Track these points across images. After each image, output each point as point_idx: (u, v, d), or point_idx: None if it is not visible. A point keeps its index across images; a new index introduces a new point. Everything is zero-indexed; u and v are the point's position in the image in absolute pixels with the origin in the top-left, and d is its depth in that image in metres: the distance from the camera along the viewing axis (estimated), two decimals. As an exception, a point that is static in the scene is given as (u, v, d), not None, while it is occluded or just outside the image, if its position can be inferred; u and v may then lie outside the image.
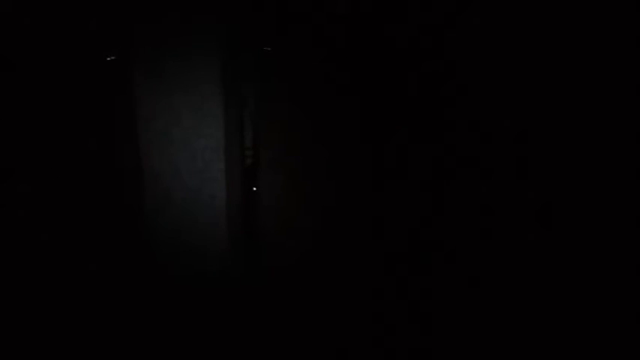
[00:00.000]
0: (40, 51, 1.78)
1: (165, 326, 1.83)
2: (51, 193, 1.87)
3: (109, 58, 1.83)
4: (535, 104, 1.78)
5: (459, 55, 1.81)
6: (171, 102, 1.76)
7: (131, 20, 1.69)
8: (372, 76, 1.87)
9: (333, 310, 1.93)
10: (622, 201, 1.70)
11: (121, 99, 1.83)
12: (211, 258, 1.85)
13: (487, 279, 1.86)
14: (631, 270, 1.70)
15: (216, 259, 1.85)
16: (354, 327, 1.91)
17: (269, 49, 1.88)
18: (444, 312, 1.89)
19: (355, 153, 1.92)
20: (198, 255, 1.84)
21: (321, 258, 1.97)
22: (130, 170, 1.87)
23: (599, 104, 1.69)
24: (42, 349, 1.79)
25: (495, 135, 1.83)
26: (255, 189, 2.03)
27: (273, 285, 1.97)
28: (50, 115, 1.83)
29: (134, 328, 1.85)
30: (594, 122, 1.71)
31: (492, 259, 1.86)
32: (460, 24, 1.78)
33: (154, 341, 1.82)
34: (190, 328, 1.84)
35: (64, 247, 1.88)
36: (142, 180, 1.81)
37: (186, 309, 1.84)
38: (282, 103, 1.93)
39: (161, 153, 1.80)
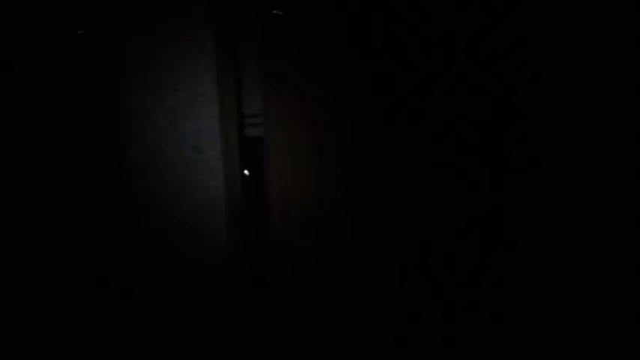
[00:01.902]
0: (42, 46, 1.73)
1: (159, 328, 1.77)
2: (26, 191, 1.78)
3: (79, 32, 1.63)
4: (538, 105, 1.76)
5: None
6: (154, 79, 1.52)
7: None
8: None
9: (346, 309, 1.90)
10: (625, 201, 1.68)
11: (95, 76, 1.63)
12: (205, 262, 1.66)
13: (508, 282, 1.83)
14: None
15: (211, 264, 1.67)
16: (368, 326, 1.87)
17: (280, 12, 1.66)
18: (463, 311, 1.87)
19: (374, 133, 1.82)
20: (189, 258, 1.66)
21: (335, 256, 1.88)
22: (107, 162, 1.67)
23: (601, 104, 1.68)
24: (38, 349, 1.75)
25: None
26: (246, 172, 1.78)
27: (278, 288, 1.90)
28: (46, 111, 1.77)
29: (127, 330, 1.79)
30: (595, 122, 1.70)
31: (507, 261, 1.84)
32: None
33: (150, 343, 1.77)
34: (186, 331, 1.76)
35: (43, 247, 1.80)
36: (123, 173, 1.63)
37: (178, 312, 1.73)
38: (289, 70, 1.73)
39: (143, 140, 1.57)
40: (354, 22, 1.72)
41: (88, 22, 1.65)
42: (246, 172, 1.77)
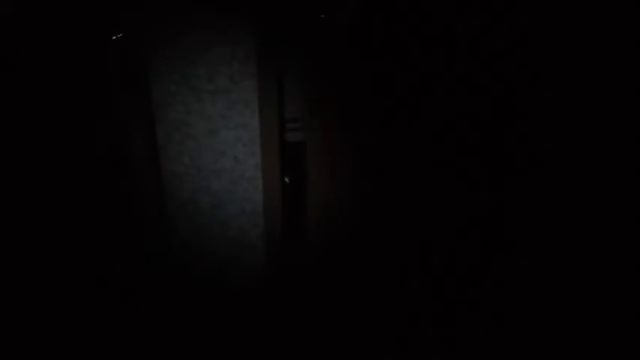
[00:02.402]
0: (43, 47, 1.72)
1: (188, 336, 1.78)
2: (55, 198, 1.79)
3: (114, 37, 1.54)
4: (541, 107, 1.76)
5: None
6: (192, 87, 1.42)
7: None
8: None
9: (348, 310, 1.91)
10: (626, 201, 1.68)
11: (129, 84, 1.55)
12: (243, 272, 1.62)
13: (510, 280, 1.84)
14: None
15: (249, 274, 1.64)
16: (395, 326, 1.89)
17: (324, 16, 1.59)
18: (463, 311, 1.87)
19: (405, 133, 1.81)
20: (226, 267, 1.62)
21: (346, 258, 1.87)
22: (143, 172, 1.61)
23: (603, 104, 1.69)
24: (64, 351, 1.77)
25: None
26: (287, 180, 1.68)
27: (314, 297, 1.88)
28: (51, 112, 1.77)
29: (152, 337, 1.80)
30: (595, 122, 1.70)
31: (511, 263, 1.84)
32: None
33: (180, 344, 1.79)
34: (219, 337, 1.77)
35: (67, 257, 1.81)
36: (159, 184, 1.58)
37: (214, 320, 1.72)
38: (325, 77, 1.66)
39: (181, 150, 1.51)
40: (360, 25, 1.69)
41: (118, 24, 1.59)
42: (286, 179, 1.69)
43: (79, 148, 1.76)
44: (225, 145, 1.52)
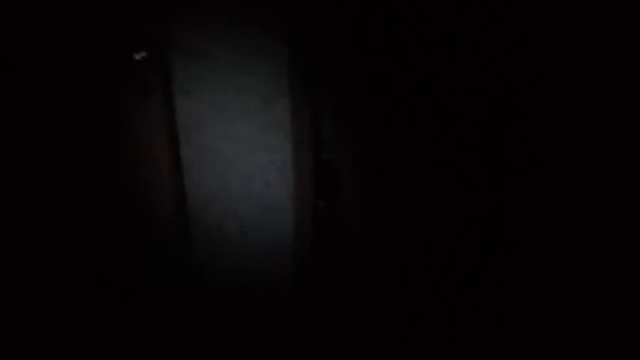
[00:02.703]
0: (48, 53, 1.70)
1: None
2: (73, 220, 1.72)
3: (137, 56, 1.44)
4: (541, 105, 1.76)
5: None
6: (222, 107, 1.32)
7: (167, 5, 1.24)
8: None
9: (349, 310, 1.89)
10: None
11: (155, 103, 1.46)
12: (270, 303, 1.53)
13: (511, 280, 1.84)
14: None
15: (276, 306, 1.54)
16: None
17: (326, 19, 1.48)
18: (463, 311, 1.87)
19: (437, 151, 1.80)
20: (254, 297, 1.54)
21: (351, 260, 1.85)
22: (166, 197, 1.51)
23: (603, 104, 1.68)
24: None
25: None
26: (321, 204, 1.60)
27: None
28: (54, 119, 1.75)
29: None
30: (595, 122, 1.69)
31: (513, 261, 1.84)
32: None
33: None
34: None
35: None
36: (184, 209, 1.49)
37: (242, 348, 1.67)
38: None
39: (208, 174, 1.40)
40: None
41: (144, 35, 1.50)
42: (320, 203, 1.62)
43: (85, 158, 1.74)
44: (255, 170, 1.41)
